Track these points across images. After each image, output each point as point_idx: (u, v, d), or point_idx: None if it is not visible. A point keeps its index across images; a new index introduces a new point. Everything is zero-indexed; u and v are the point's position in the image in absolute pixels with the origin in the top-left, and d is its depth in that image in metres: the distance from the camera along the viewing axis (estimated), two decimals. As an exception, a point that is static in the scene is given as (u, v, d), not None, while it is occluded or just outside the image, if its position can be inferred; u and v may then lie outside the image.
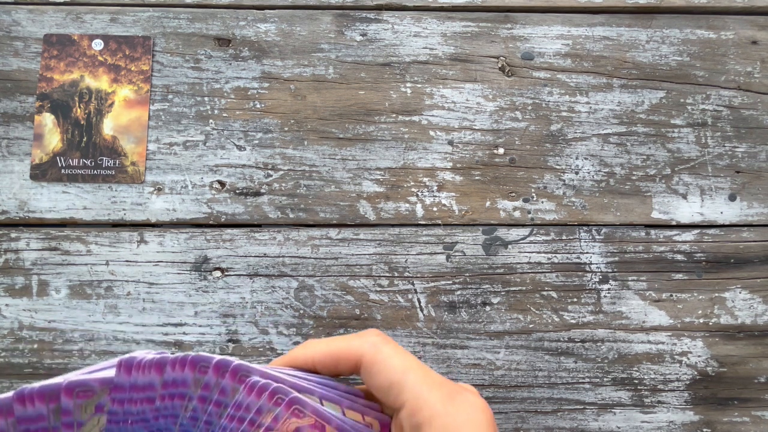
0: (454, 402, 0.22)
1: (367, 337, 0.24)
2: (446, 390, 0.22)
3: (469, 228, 0.39)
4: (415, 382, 0.22)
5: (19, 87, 0.39)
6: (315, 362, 0.25)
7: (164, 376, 0.23)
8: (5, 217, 0.38)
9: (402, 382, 0.22)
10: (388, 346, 0.23)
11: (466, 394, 0.22)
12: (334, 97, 0.40)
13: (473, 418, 0.21)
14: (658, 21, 0.41)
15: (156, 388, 0.23)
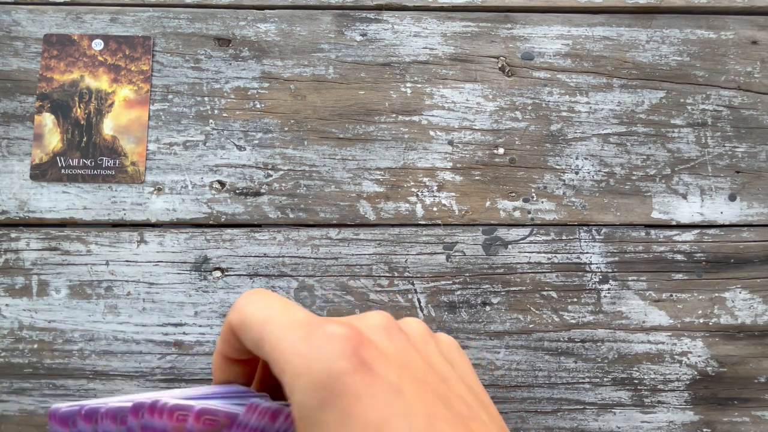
0: (309, 339, 0.18)
1: (235, 302, 0.21)
2: (304, 329, 0.19)
3: (469, 228, 0.39)
4: (273, 330, 0.19)
5: (19, 87, 0.39)
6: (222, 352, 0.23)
7: None
8: (5, 217, 0.38)
9: (262, 336, 0.19)
10: (251, 304, 0.21)
11: (328, 324, 0.19)
12: (334, 97, 0.40)
13: (325, 355, 0.18)
14: (658, 21, 0.41)
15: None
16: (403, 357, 0.20)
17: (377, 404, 0.17)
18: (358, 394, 0.17)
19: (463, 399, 0.20)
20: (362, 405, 0.17)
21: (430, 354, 0.21)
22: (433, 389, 0.19)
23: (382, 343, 0.19)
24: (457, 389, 0.20)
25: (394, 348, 0.20)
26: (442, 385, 0.20)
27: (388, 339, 0.20)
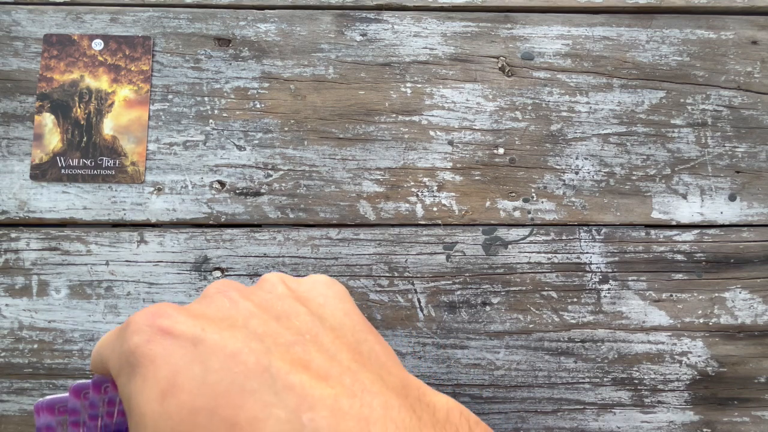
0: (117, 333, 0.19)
1: None
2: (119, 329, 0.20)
3: (469, 228, 0.39)
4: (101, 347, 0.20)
5: (19, 87, 0.39)
6: None
7: None
8: (5, 217, 0.38)
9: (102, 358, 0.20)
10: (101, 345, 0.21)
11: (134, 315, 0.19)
12: (334, 97, 0.40)
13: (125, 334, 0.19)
14: (658, 21, 0.41)
15: None
16: (222, 310, 0.20)
17: (170, 360, 0.17)
18: (153, 358, 0.17)
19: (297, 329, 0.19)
20: (156, 364, 0.17)
21: (270, 299, 0.21)
22: (253, 329, 0.19)
23: (195, 308, 0.20)
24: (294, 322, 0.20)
25: (214, 305, 0.20)
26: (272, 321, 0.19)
27: (211, 299, 0.20)
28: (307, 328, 0.20)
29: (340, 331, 0.21)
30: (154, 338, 0.18)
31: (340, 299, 0.22)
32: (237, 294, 0.20)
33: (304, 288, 0.22)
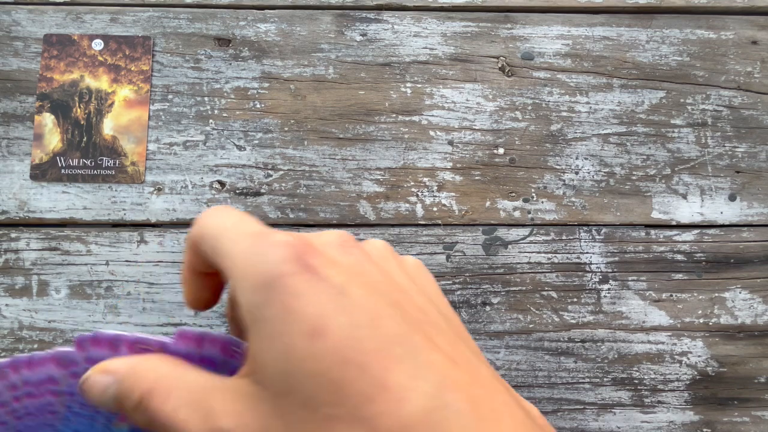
0: (256, 246, 0.19)
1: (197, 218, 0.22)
2: (253, 238, 0.19)
3: (469, 228, 0.39)
4: (226, 241, 0.20)
5: (19, 87, 0.39)
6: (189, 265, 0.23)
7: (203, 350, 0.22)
8: (5, 217, 0.38)
9: (216, 246, 0.20)
10: (209, 218, 0.21)
11: (275, 235, 0.19)
12: (334, 97, 0.40)
13: (269, 258, 0.18)
14: (658, 21, 0.41)
15: None
16: (356, 266, 0.20)
17: (318, 301, 0.17)
18: (298, 293, 0.17)
19: (420, 308, 0.20)
20: (302, 301, 0.17)
21: (390, 269, 0.21)
22: (385, 295, 0.19)
23: (332, 254, 0.20)
24: (415, 300, 0.20)
25: (346, 259, 0.20)
26: (398, 293, 0.20)
27: (342, 251, 0.20)
28: (427, 308, 0.20)
29: (452, 322, 0.21)
30: (301, 273, 0.18)
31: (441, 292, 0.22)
32: (360, 253, 0.20)
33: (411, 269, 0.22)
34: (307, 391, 0.17)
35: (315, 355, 0.17)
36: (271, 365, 0.17)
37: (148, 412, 0.19)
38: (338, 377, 0.17)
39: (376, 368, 0.17)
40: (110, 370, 0.20)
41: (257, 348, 0.18)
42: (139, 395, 0.19)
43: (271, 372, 0.17)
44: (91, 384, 0.20)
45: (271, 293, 0.17)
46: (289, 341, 0.17)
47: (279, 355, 0.17)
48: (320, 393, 0.17)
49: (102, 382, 0.20)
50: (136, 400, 0.19)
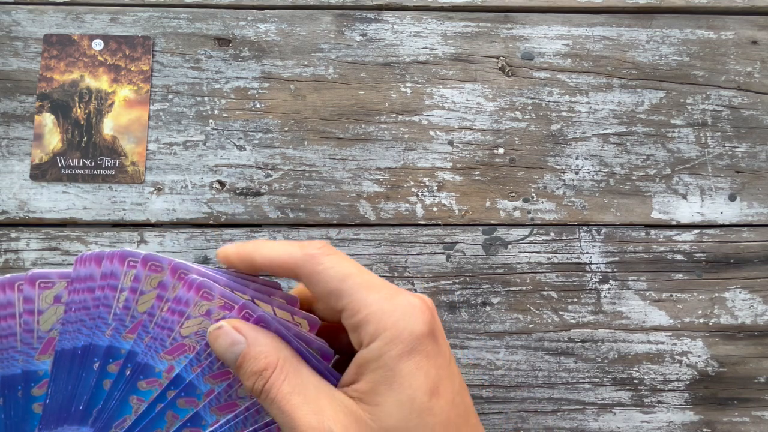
0: (392, 301, 0.22)
1: (308, 249, 0.24)
2: (386, 292, 0.23)
3: (469, 228, 0.39)
4: (353, 287, 0.23)
5: (19, 87, 0.39)
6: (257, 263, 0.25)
7: (102, 269, 0.25)
8: (5, 217, 0.38)
9: (340, 288, 0.23)
10: (328, 258, 0.24)
11: (406, 294, 0.23)
12: (334, 97, 0.40)
13: (411, 320, 0.22)
14: (658, 21, 0.41)
15: (95, 279, 0.26)
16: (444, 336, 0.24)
17: (438, 365, 0.22)
18: (428, 355, 0.22)
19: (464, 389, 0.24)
20: (429, 363, 0.22)
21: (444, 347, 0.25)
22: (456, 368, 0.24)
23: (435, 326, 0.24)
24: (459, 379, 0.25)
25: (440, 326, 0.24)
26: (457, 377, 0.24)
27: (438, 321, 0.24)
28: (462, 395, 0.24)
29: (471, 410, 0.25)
30: (431, 338, 0.22)
31: None
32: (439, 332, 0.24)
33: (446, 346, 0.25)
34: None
35: (432, 409, 0.21)
36: (391, 407, 0.21)
37: (265, 384, 0.22)
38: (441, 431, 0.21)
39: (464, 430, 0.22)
40: (241, 330, 0.23)
41: (380, 388, 0.21)
42: (264, 365, 0.22)
43: (388, 411, 0.21)
44: (222, 334, 0.23)
45: (408, 350, 0.21)
46: (413, 394, 0.21)
47: (403, 402, 0.21)
48: None
49: (233, 337, 0.23)
50: (260, 368, 0.22)
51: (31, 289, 0.25)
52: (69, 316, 0.26)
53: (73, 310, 0.26)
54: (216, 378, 0.25)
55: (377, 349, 0.22)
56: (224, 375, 0.25)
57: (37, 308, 0.26)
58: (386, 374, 0.21)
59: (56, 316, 0.26)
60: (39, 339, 0.26)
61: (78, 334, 0.26)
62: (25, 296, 0.25)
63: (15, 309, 0.25)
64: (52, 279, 0.26)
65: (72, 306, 0.26)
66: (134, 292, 0.25)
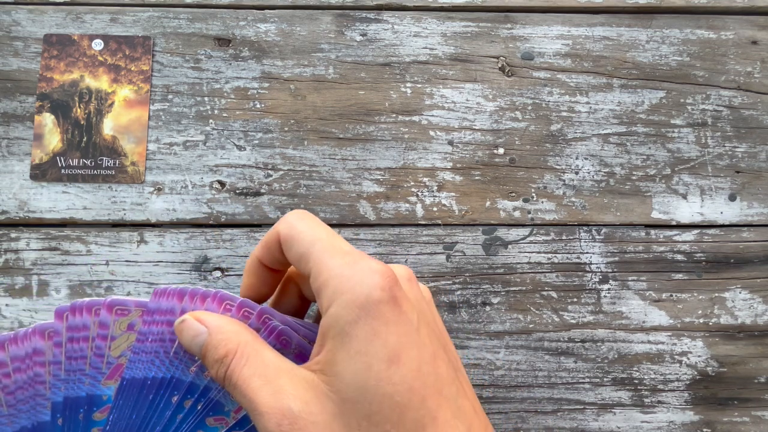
0: (353, 266, 0.22)
1: (285, 217, 0.25)
2: (349, 258, 0.22)
3: (469, 228, 0.39)
4: (320, 251, 0.23)
5: (19, 87, 0.39)
6: (259, 258, 0.26)
7: (182, 305, 0.26)
8: (5, 217, 0.38)
9: (308, 252, 0.23)
10: (302, 222, 0.24)
11: (369, 260, 0.22)
12: (334, 97, 0.40)
13: (366, 283, 0.21)
14: (658, 21, 0.41)
15: (176, 313, 0.26)
16: (419, 305, 0.23)
17: (400, 333, 0.21)
18: (387, 321, 0.21)
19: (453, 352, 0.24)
20: (389, 329, 0.20)
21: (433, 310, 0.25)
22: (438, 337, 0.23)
23: (406, 289, 0.23)
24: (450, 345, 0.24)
25: (413, 296, 0.23)
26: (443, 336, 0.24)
27: (410, 288, 0.23)
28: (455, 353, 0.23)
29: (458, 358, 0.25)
30: (391, 303, 0.21)
31: None
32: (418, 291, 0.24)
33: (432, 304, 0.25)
34: (374, 406, 0.20)
35: (390, 378, 0.20)
36: (348, 376, 0.20)
37: (227, 370, 0.22)
38: (403, 402, 0.20)
39: (431, 402, 0.20)
40: (204, 321, 0.23)
41: (337, 357, 0.21)
42: (224, 352, 0.22)
43: (346, 381, 0.20)
44: (186, 327, 0.24)
45: (363, 315, 0.21)
46: (369, 361, 0.20)
47: (358, 370, 0.20)
48: (385, 411, 0.20)
49: (195, 328, 0.23)
50: (221, 355, 0.22)
51: (108, 315, 0.26)
52: (144, 346, 0.26)
53: (150, 340, 0.26)
54: None
55: (334, 314, 0.21)
56: None
57: (110, 334, 0.26)
58: (343, 341, 0.21)
59: (127, 344, 0.26)
60: (108, 364, 0.26)
61: (151, 365, 0.26)
62: (101, 321, 0.26)
63: (89, 332, 0.26)
64: (128, 307, 0.26)
65: (149, 336, 0.26)
66: None
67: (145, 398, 0.26)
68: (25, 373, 0.25)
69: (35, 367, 0.25)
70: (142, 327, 0.26)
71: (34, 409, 0.25)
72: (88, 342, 0.26)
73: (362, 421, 0.20)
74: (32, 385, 0.25)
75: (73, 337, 0.26)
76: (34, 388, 0.25)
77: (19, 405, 0.25)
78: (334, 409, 0.20)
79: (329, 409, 0.20)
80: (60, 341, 0.26)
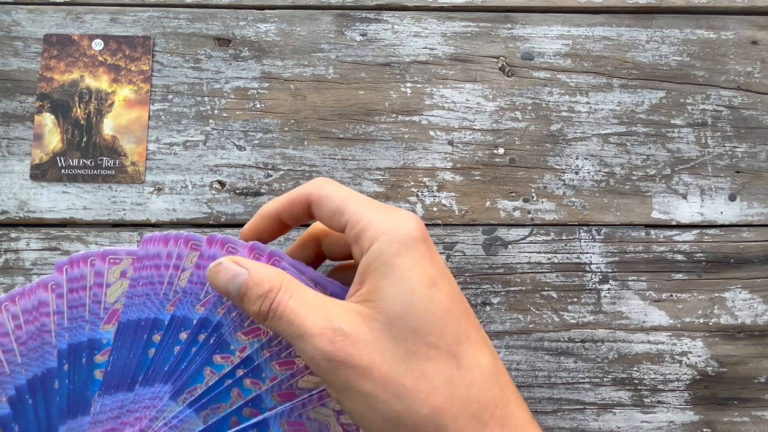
0: (388, 213, 0.25)
1: (312, 181, 0.28)
2: (382, 207, 0.26)
3: (469, 228, 0.39)
4: (354, 204, 0.26)
5: (19, 87, 0.39)
6: (277, 211, 0.29)
7: (168, 249, 0.28)
8: (5, 217, 0.38)
9: (343, 207, 0.26)
10: (329, 184, 0.27)
11: (402, 210, 0.26)
12: (334, 97, 0.40)
13: (405, 224, 0.24)
14: (658, 21, 0.41)
15: (162, 258, 0.28)
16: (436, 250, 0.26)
17: (434, 265, 0.24)
18: (424, 254, 0.24)
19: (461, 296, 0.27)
20: (425, 261, 0.24)
21: None
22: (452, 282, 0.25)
23: None
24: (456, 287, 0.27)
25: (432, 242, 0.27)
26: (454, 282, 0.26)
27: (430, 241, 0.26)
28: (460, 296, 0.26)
29: None
30: (424, 241, 0.24)
31: None
32: None
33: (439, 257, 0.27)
34: (419, 320, 0.23)
35: (432, 297, 0.23)
36: (394, 297, 0.23)
37: (272, 304, 0.24)
38: (443, 319, 0.23)
39: (465, 324, 0.24)
40: (241, 263, 0.25)
41: (382, 284, 0.24)
42: (269, 287, 0.24)
43: (393, 302, 0.23)
44: (222, 269, 0.25)
45: (404, 249, 0.24)
46: (413, 285, 0.23)
47: (404, 291, 0.23)
48: (429, 325, 0.23)
49: (233, 270, 0.25)
50: (265, 290, 0.24)
51: (102, 264, 0.28)
52: (136, 291, 0.28)
53: (141, 284, 0.28)
54: (282, 366, 0.27)
55: (377, 250, 0.24)
56: (290, 364, 0.27)
57: (105, 282, 0.28)
58: (386, 270, 0.23)
59: (122, 290, 0.28)
60: (105, 310, 0.28)
61: (143, 307, 0.28)
62: (96, 271, 0.28)
63: (86, 282, 0.28)
64: (120, 256, 0.29)
65: (140, 281, 0.28)
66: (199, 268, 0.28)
67: (140, 338, 0.28)
68: (33, 324, 0.28)
69: (41, 317, 0.28)
70: (133, 273, 0.28)
71: (43, 357, 0.27)
72: (86, 291, 0.28)
73: (409, 334, 0.23)
74: (40, 334, 0.28)
75: (73, 287, 0.28)
76: (42, 338, 0.28)
77: (30, 354, 0.27)
78: (381, 327, 0.23)
79: (377, 328, 0.23)
80: (61, 293, 0.28)
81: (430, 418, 0.22)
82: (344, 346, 0.23)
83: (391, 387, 0.22)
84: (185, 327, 0.28)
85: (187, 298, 0.28)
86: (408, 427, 0.22)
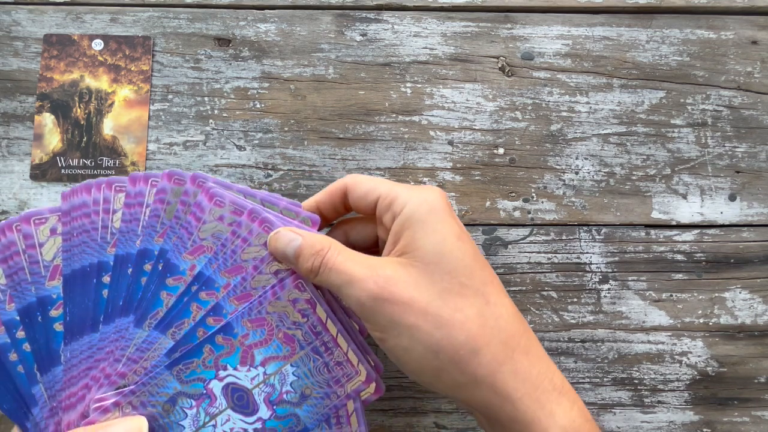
0: (417, 188, 0.30)
1: (347, 176, 0.32)
2: (409, 186, 0.30)
3: (469, 228, 0.39)
4: (384, 183, 0.30)
5: (19, 87, 0.39)
6: (317, 202, 0.32)
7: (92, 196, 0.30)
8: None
9: (375, 187, 0.30)
10: (361, 174, 0.32)
11: (429, 186, 0.31)
12: (334, 97, 0.40)
13: (432, 194, 0.29)
14: (658, 21, 0.41)
15: (89, 206, 0.30)
16: None
17: (458, 224, 0.29)
18: (450, 214, 0.29)
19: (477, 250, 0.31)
20: (451, 220, 0.29)
21: None
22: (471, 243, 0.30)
23: None
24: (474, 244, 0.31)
25: None
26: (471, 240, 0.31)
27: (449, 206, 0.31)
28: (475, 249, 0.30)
29: None
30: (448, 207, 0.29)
31: None
32: None
33: None
34: (452, 264, 0.27)
35: (461, 247, 0.28)
36: (429, 247, 0.27)
37: (323, 259, 0.28)
38: (471, 265, 0.28)
39: (488, 272, 0.29)
40: (297, 232, 0.29)
41: (416, 237, 0.28)
42: (321, 247, 0.28)
43: (428, 250, 0.27)
44: (281, 236, 0.29)
45: (433, 211, 0.28)
46: (444, 237, 0.28)
47: (436, 242, 0.28)
48: (460, 269, 0.27)
49: (290, 236, 0.29)
50: (317, 249, 0.28)
51: (28, 227, 0.29)
52: (72, 242, 0.29)
53: (76, 235, 0.29)
54: (231, 273, 0.29)
55: (409, 211, 0.28)
56: (238, 270, 0.29)
57: (37, 242, 0.29)
58: (419, 226, 0.28)
59: (56, 246, 0.30)
60: (45, 268, 0.29)
61: (84, 255, 0.30)
62: (24, 233, 0.29)
63: (18, 246, 0.29)
64: (44, 215, 0.30)
65: (73, 232, 0.29)
66: (162, 203, 0.30)
67: (89, 283, 0.29)
68: None
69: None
70: (63, 228, 0.30)
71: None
72: (21, 255, 0.29)
73: (444, 275, 0.27)
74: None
75: (6, 255, 0.29)
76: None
77: None
78: (419, 272, 0.27)
79: (415, 273, 0.27)
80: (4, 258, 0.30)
81: (466, 344, 0.26)
82: (387, 285, 0.26)
83: (431, 318, 0.26)
84: (131, 262, 0.29)
85: (125, 236, 0.30)
86: (447, 353, 0.26)
